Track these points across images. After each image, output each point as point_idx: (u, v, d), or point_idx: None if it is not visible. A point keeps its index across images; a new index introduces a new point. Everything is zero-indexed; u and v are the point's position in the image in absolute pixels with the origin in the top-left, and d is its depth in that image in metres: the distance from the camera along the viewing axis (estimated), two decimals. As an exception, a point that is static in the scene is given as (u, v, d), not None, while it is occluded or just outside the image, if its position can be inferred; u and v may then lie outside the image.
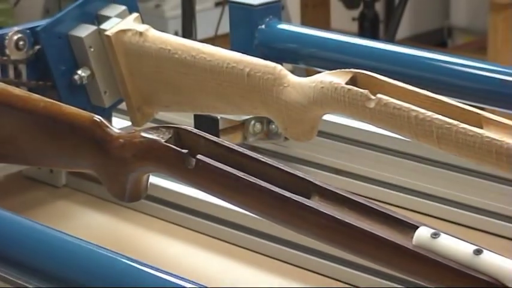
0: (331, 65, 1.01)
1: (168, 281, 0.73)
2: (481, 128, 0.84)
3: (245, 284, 0.99)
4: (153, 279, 0.74)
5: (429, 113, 0.86)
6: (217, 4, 2.66)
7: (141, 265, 0.75)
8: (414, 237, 0.73)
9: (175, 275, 0.73)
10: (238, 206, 0.83)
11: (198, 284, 0.70)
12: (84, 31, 1.13)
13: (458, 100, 0.89)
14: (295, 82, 0.96)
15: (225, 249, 1.05)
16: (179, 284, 0.72)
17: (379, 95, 0.88)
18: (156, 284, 0.73)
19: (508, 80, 1.05)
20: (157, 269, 0.74)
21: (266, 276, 1.01)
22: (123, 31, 1.09)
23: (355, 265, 0.97)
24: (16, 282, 0.91)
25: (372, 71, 0.92)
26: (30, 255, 0.80)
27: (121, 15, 1.13)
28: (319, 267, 1.00)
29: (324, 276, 0.99)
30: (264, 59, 0.99)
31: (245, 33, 1.21)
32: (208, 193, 0.84)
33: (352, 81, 0.91)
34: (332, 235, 0.77)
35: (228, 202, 0.84)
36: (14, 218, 0.84)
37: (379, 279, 0.95)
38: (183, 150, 0.83)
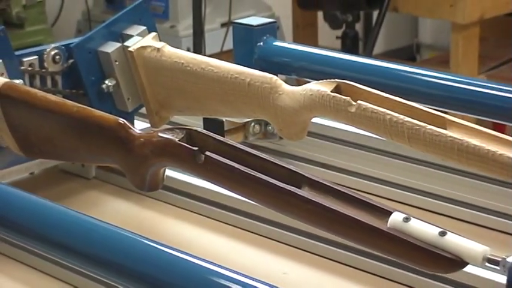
0: (319, 76, 1.01)
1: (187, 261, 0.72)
2: (445, 129, 0.84)
3: (246, 259, 0.99)
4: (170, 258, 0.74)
5: (401, 117, 0.85)
6: (222, 25, 2.65)
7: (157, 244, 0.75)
8: (389, 221, 0.73)
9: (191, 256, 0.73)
10: (240, 195, 0.83)
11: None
12: (111, 47, 1.13)
13: (425, 105, 0.88)
14: (288, 90, 0.96)
15: (230, 231, 1.05)
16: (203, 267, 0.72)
17: (359, 101, 0.88)
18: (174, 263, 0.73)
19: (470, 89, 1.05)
20: (168, 246, 0.74)
21: (265, 254, 1.00)
22: (144, 47, 1.09)
23: (338, 244, 0.96)
24: (52, 259, 0.91)
25: (353, 81, 0.91)
26: (66, 237, 0.80)
27: (142, 34, 1.13)
28: (308, 246, 0.99)
29: (313, 254, 0.99)
30: (262, 71, 0.99)
31: (246, 49, 1.21)
32: (215, 184, 0.84)
33: (336, 89, 0.91)
34: (319, 219, 0.76)
35: (232, 192, 0.83)
36: (52, 205, 0.84)
37: (358, 256, 0.95)
38: (194, 148, 0.83)
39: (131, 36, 1.13)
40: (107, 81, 1.13)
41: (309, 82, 0.94)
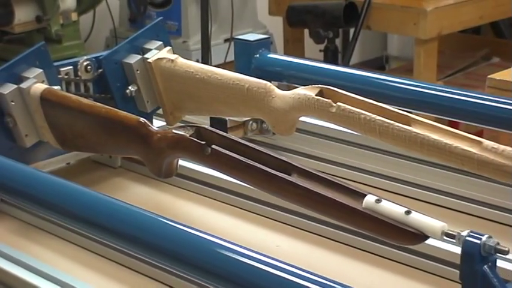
0: (305, 82, 1.00)
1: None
2: (410, 125, 0.84)
3: (246, 234, 0.99)
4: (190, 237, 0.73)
5: (373, 116, 0.85)
6: (225, 40, 2.65)
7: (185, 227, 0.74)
8: (363, 202, 0.73)
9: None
10: (241, 181, 0.83)
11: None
12: (133, 59, 1.12)
13: (393, 106, 0.88)
14: (280, 94, 0.95)
15: (232, 211, 1.05)
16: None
17: (338, 103, 0.88)
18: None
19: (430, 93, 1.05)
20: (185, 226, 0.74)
21: (261, 229, 1.00)
22: (160, 59, 1.08)
23: (322, 221, 0.96)
24: (81, 233, 0.91)
25: (333, 87, 0.91)
26: (96, 215, 0.80)
27: (158, 48, 1.13)
28: (297, 223, 0.99)
29: (301, 229, 0.99)
30: (258, 78, 0.99)
31: (245, 60, 1.20)
32: (220, 172, 0.84)
33: (320, 93, 0.91)
34: (306, 201, 0.76)
35: (234, 178, 0.83)
36: (84, 190, 0.84)
37: (338, 231, 0.95)
38: (202, 142, 0.83)
39: (150, 49, 1.12)
40: (130, 87, 1.13)
41: (297, 87, 0.94)
